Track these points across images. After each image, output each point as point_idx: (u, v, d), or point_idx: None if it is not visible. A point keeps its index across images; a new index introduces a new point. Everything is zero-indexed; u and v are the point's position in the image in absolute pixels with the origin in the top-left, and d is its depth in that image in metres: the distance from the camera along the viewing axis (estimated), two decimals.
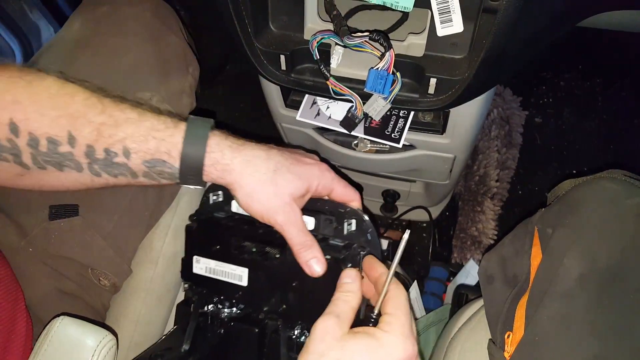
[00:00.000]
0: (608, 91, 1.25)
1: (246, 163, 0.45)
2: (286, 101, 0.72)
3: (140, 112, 0.45)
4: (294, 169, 0.46)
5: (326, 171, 0.48)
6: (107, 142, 0.43)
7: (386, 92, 0.54)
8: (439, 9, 0.51)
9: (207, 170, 0.45)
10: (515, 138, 1.20)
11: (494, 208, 1.13)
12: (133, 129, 0.43)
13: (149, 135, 0.44)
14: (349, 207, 0.48)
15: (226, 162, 0.45)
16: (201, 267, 0.51)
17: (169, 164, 0.44)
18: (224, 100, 1.36)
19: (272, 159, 0.45)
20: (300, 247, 0.45)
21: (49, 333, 0.47)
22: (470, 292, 0.87)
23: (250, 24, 0.57)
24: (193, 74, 0.71)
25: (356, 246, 0.47)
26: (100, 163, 0.44)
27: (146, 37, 0.65)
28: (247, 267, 0.49)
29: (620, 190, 0.44)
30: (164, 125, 0.44)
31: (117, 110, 0.44)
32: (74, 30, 0.66)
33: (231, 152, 0.45)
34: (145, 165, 0.44)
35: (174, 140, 0.44)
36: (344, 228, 0.48)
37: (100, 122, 0.43)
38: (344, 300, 0.41)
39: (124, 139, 0.43)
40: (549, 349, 0.40)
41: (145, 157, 0.44)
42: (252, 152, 0.45)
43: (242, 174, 0.44)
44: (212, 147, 0.44)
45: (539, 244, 0.48)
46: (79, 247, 0.58)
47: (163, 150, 0.44)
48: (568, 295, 0.41)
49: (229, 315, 0.51)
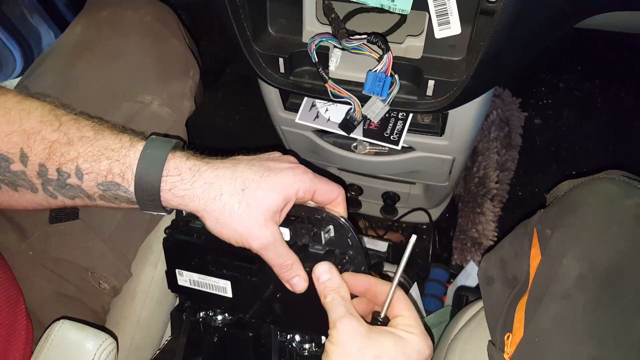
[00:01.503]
0: (607, 92, 1.25)
1: (208, 187, 0.40)
2: (285, 104, 0.72)
3: (98, 130, 0.42)
4: (265, 183, 0.41)
5: (302, 174, 0.43)
6: (59, 161, 0.40)
7: (384, 95, 0.54)
8: (437, 11, 0.51)
9: (165, 197, 0.41)
10: (515, 139, 1.20)
11: (494, 209, 1.13)
12: (86, 147, 0.41)
13: (102, 155, 0.40)
14: (324, 212, 0.44)
15: (186, 187, 0.41)
16: (185, 280, 0.50)
17: (123, 187, 0.41)
18: (224, 104, 1.37)
19: (239, 176, 0.41)
20: (280, 268, 0.42)
21: (49, 337, 0.47)
22: (470, 293, 0.87)
23: (249, 27, 0.57)
24: (193, 78, 0.72)
25: (338, 252, 0.45)
26: (54, 184, 0.42)
27: (147, 40, 0.65)
28: (229, 280, 0.48)
29: (618, 191, 0.44)
30: (120, 144, 0.41)
31: (73, 128, 0.41)
32: (76, 35, 0.66)
33: (191, 176, 0.41)
34: (99, 188, 0.41)
35: (128, 161, 0.41)
36: (322, 237, 0.45)
37: (54, 140, 0.40)
38: (340, 297, 0.40)
39: (76, 158, 0.40)
40: (548, 350, 0.40)
41: (98, 179, 0.41)
42: (214, 173, 0.41)
43: (205, 199, 0.40)
44: (169, 170, 0.41)
45: (538, 245, 0.48)
46: (79, 250, 0.58)
47: (116, 172, 0.41)
48: (567, 296, 0.41)
49: (222, 321, 0.50)
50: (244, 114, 1.34)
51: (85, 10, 0.69)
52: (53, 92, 0.58)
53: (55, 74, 0.62)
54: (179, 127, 0.68)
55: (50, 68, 0.63)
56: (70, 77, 0.61)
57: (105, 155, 0.40)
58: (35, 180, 0.42)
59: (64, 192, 0.42)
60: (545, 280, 0.44)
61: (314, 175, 0.44)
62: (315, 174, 0.44)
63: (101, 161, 0.40)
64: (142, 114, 0.62)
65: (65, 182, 0.41)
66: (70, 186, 0.41)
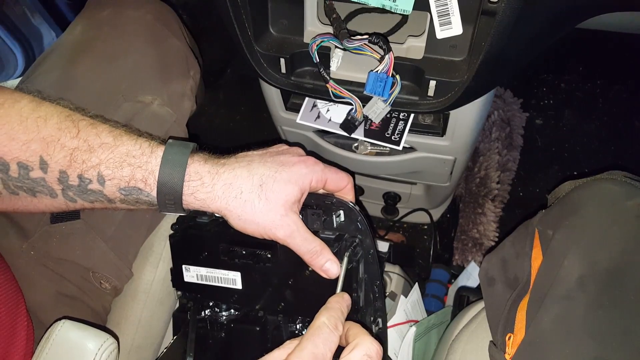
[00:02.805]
0: (609, 93, 1.25)
1: (228, 187, 0.42)
2: (286, 104, 0.72)
3: (117, 135, 0.43)
4: (280, 177, 0.43)
5: (314, 165, 0.45)
6: (81, 168, 0.41)
7: (386, 95, 0.54)
8: (438, 11, 0.51)
9: (187, 200, 0.43)
10: (516, 140, 1.20)
11: (495, 210, 1.13)
12: (107, 154, 0.41)
13: (124, 161, 0.42)
14: (334, 197, 0.46)
15: (207, 190, 0.42)
16: (192, 275, 0.50)
17: (145, 192, 0.42)
18: (225, 104, 1.37)
19: (255, 173, 0.43)
20: (311, 256, 0.44)
21: (50, 337, 0.47)
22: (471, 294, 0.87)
23: (250, 28, 0.57)
24: (194, 77, 0.72)
25: (347, 237, 0.46)
26: (74, 189, 0.42)
27: (148, 40, 0.65)
28: (240, 271, 0.48)
29: (620, 192, 0.44)
30: (140, 150, 0.42)
31: (92, 135, 0.42)
32: (76, 34, 0.66)
33: (210, 179, 0.42)
34: (121, 193, 0.42)
35: (150, 167, 0.42)
36: (334, 220, 0.46)
37: (74, 147, 0.41)
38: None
39: (97, 165, 0.41)
40: (550, 350, 0.40)
41: (121, 184, 0.42)
42: (232, 173, 0.43)
43: (226, 199, 0.42)
44: (190, 175, 0.42)
45: (539, 246, 0.48)
46: (81, 250, 0.58)
47: (139, 178, 0.42)
48: (568, 297, 0.41)
49: (227, 318, 0.50)
50: (245, 115, 1.34)
51: (85, 9, 0.69)
52: (54, 92, 0.58)
53: (55, 73, 0.62)
54: (179, 127, 0.68)
55: (51, 68, 0.63)
56: (71, 77, 0.61)
57: (127, 161, 0.42)
58: (55, 187, 0.42)
59: (85, 197, 0.43)
60: (546, 281, 0.44)
61: (324, 165, 0.46)
62: (325, 164, 0.46)
63: (123, 167, 0.41)
64: (143, 114, 0.62)
65: (86, 187, 0.42)
66: (91, 191, 0.42)
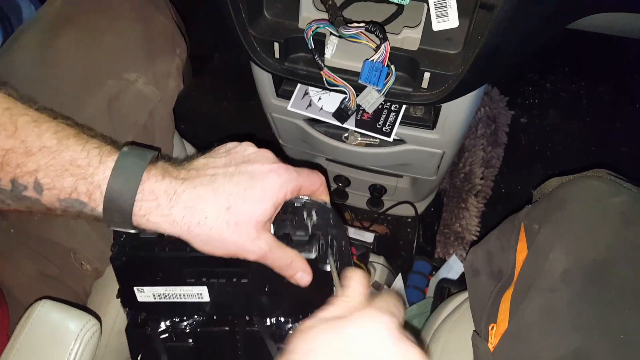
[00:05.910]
0: (592, 94, 1.27)
1: (190, 211, 0.36)
2: (278, 91, 0.71)
3: (62, 137, 0.37)
4: (251, 195, 0.37)
5: (286, 174, 0.39)
6: (14, 172, 0.36)
7: (380, 85, 0.54)
8: (435, 3, 0.51)
9: (138, 221, 0.37)
10: (501, 137, 1.22)
11: (478, 205, 1.15)
12: (48, 160, 0.36)
13: (67, 170, 0.36)
14: (303, 198, 0.42)
15: (163, 212, 0.36)
16: (147, 295, 0.44)
17: (89, 207, 0.37)
18: (212, 90, 1.35)
19: (221, 193, 0.37)
20: (281, 270, 0.40)
21: (30, 317, 0.46)
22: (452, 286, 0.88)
23: (245, 10, 0.56)
24: (180, 56, 0.69)
25: (320, 234, 0.43)
26: (7, 194, 0.37)
27: (133, 15, 0.62)
28: (206, 285, 0.43)
29: (606, 189, 0.45)
30: (87, 159, 0.36)
31: (32, 135, 0.36)
32: (56, 7, 0.62)
33: (168, 200, 0.36)
34: (61, 204, 0.37)
35: (96, 180, 0.36)
36: (308, 225, 0.43)
37: (8, 148, 0.35)
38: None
39: (35, 172, 0.36)
40: (532, 341, 0.41)
41: (61, 195, 0.36)
42: (194, 194, 0.37)
43: (188, 225, 0.36)
44: (144, 194, 0.36)
45: (525, 240, 0.48)
46: (62, 230, 0.57)
47: (82, 191, 0.36)
48: (552, 290, 0.41)
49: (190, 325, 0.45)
50: (232, 101, 1.33)
51: None
52: (32, 69, 0.56)
53: (34, 49, 0.59)
54: (164, 108, 0.65)
55: (29, 42, 0.60)
56: (51, 52, 0.58)
57: (70, 171, 0.36)
58: None
59: (19, 202, 0.38)
60: (531, 274, 0.44)
61: (296, 172, 0.41)
62: (296, 168, 0.41)
63: (64, 177, 0.36)
64: (127, 92, 0.60)
65: (20, 194, 0.37)
66: (27, 198, 0.37)
